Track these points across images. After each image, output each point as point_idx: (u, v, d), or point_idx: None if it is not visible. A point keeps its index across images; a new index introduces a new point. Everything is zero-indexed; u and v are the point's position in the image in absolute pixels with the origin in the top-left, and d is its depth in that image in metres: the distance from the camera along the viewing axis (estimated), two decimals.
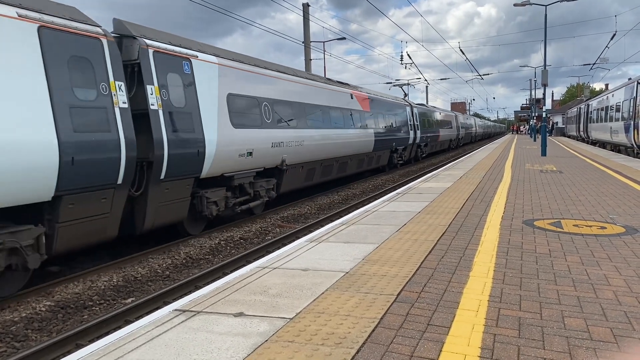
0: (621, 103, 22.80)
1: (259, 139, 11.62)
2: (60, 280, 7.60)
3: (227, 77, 10.70)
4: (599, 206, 7.73)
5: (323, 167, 15.80)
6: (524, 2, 22.59)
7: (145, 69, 8.51)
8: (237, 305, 3.60)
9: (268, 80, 12.59)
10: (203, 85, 9.87)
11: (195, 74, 9.67)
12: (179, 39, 9.94)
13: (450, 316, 3.32)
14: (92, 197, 7.40)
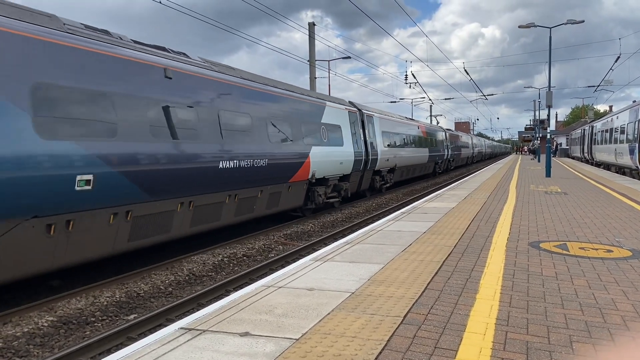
0: (626, 125, 22.83)
1: (395, 153, 23.36)
2: (63, 295, 7.57)
3: (379, 121, 21.83)
4: (604, 229, 7.69)
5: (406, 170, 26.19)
6: (529, 24, 22.75)
7: (361, 121, 19.51)
8: (243, 325, 3.58)
9: (393, 123, 24.45)
10: (377, 127, 21.18)
11: (374, 123, 20.95)
12: (367, 107, 21.35)
13: (457, 339, 3.29)
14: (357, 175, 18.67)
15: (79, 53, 7.42)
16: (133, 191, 8.01)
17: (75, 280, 8.93)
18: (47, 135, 6.68)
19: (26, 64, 6.60)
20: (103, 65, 7.80)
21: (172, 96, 9.18)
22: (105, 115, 7.70)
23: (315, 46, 29.26)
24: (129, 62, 8.36)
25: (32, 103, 6.55)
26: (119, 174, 7.68)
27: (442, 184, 25.39)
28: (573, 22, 22.06)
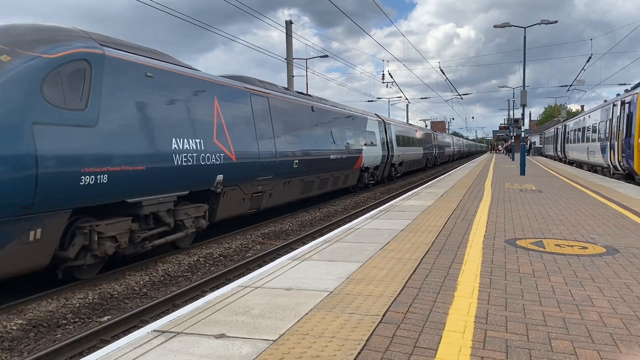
0: (597, 124, 23.27)
1: (395, 149, 28.54)
2: (33, 297, 7.36)
3: (393, 127, 28.90)
4: (579, 226, 7.79)
5: (409, 163, 33.80)
6: (504, 23, 23.02)
7: (386, 128, 27.08)
8: (219, 326, 3.50)
9: (401, 128, 31.92)
10: (391, 130, 28.15)
11: (387, 127, 27.19)
12: (385, 117, 28.85)
13: (436, 338, 3.26)
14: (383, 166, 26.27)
15: (286, 101, 14.83)
16: (306, 169, 15.27)
17: (46, 282, 8.70)
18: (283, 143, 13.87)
19: (272, 109, 13.60)
20: (293, 106, 15.25)
21: (315, 121, 17.00)
22: (296, 132, 15.05)
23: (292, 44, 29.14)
24: (301, 104, 16.04)
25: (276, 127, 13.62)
26: (305, 161, 15.10)
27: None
28: (547, 22, 22.39)
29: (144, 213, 8.62)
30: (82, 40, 7.69)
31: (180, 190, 9.42)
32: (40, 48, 6.97)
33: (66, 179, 6.95)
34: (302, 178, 15.19)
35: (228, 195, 11.07)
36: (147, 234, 8.82)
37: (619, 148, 18.58)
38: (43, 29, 7.49)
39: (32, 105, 6.63)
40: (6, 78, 6.39)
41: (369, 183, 23.66)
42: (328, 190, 18.54)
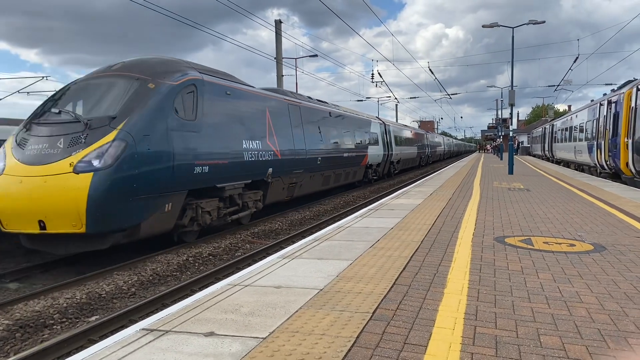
0: (584, 123, 23.47)
1: (394, 148, 31.37)
2: (20, 297, 7.29)
3: (392, 128, 32.23)
4: (567, 224, 7.85)
5: (405, 162, 36.72)
6: (492, 23, 23.14)
7: (386, 130, 30.07)
8: (208, 325, 3.47)
9: (398, 129, 35.07)
10: (390, 132, 31.15)
11: (387, 129, 30.34)
12: (385, 119, 33.06)
13: (426, 334, 3.26)
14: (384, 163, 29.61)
15: (312, 109, 17.84)
16: (325, 165, 18.05)
17: (34, 281, 8.61)
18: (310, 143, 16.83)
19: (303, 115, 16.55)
20: (316, 112, 18.27)
21: (332, 124, 19.83)
22: (319, 134, 17.97)
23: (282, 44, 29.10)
24: (321, 110, 19.05)
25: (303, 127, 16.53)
26: (325, 158, 17.96)
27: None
28: (535, 22, 22.54)
29: (225, 195, 11.47)
30: (190, 69, 10.75)
31: (246, 179, 12.31)
32: (170, 77, 9.88)
33: (187, 169, 9.77)
34: (323, 172, 18.13)
35: (274, 185, 13.94)
36: (227, 211, 11.69)
37: (605, 147, 18.76)
38: (167, 62, 10.72)
39: (169, 118, 9.44)
40: (156, 99, 9.26)
41: (372, 178, 26.46)
42: (340, 184, 21.35)
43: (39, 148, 8.49)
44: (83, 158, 8.18)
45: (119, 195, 8.36)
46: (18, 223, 8.41)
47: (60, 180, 8.03)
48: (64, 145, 8.39)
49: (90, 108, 9.21)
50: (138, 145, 8.65)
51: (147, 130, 8.90)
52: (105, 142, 8.34)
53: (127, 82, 9.45)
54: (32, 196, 8.10)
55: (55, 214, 8.09)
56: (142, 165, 8.69)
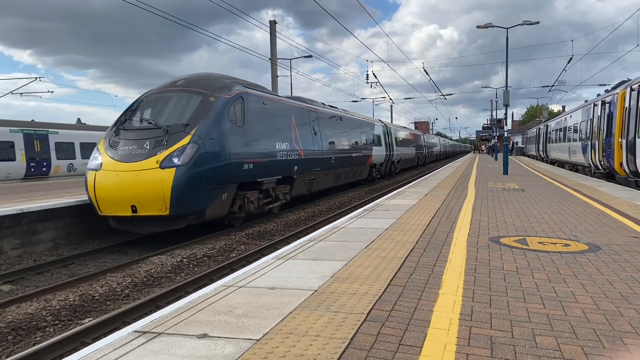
0: (579, 124, 23.55)
1: (395, 149, 33.65)
2: (12, 299, 7.23)
3: (393, 130, 34.46)
4: (561, 224, 7.86)
5: (405, 161, 39.08)
6: (487, 24, 23.19)
7: (387, 131, 32.39)
8: (201, 326, 3.44)
9: (398, 131, 37.44)
10: (391, 133, 33.11)
11: (388, 130, 32.36)
12: (387, 122, 36.01)
13: (421, 335, 3.24)
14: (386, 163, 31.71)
15: (326, 113, 19.88)
16: (337, 164, 19.96)
17: (26, 283, 8.54)
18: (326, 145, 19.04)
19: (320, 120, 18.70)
20: (330, 117, 20.23)
21: (343, 127, 21.93)
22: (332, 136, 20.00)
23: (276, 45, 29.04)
24: (334, 115, 21.16)
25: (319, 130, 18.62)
26: (337, 158, 19.87)
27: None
28: (529, 23, 22.60)
29: (263, 188, 13.71)
30: (237, 85, 12.99)
31: (278, 175, 14.48)
32: (224, 92, 12.11)
33: (238, 166, 11.90)
34: (335, 170, 20.26)
35: (298, 180, 16.13)
36: (264, 201, 13.92)
37: (599, 147, 18.82)
38: (220, 79, 13.04)
39: (226, 124, 11.65)
40: (216, 110, 11.44)
41: (376, 177, 28.73)
42: (349, 181, 23.60)
43: (129, 149, 10.67)
44: (166, 157, 10.33)
45: (193, 185, 10.49)
46: (114, 208, 10.50)
47: (150, 174, 10.19)
48: (150, 147, 10.57)
49: (165, 117, 11.32)
50: (206, 146, 10.84)
51: (212, 134, 11.11)
52: (183, 144, 10.52)
53: (193, 96, 11.69)
54: (126, 187, 10.19)
55: (146, 200, 10.20)
56: (209, 163, 10.92)
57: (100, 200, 10.56)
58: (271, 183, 14.09)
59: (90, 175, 10.71)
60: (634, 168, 14.38)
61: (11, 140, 22.31)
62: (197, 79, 12.55)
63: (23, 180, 22.27)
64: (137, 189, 10.14)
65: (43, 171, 23.97)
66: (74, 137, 26.02)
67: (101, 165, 10.65)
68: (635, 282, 4.48)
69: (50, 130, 24.62)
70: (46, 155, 24.15)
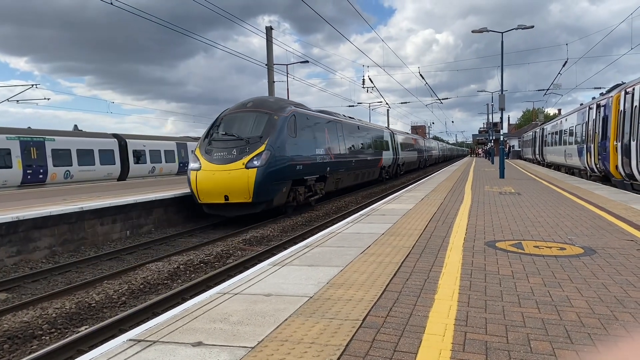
0: (574, 127, 23.62)
1: (401, 153, 37.81)
2: (8, 307, 7.20)
3: (398, 136, 38.18)
4: (557, 227, 7.87)
5: (408, 164, 42.32)
6: (481, 29, 23.27)
7: (393, 137, 36.02)
8: (196, 334, 3.44)
9: (403, 136, 41.25)
10: (397, 139, 37.03)
11: (393, 137, 35.70)
12: (393, 129, 39.54)
13: (416, 341, 3.24)
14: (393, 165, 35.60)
15: (348, 124, 24.01)
16: (356, 166, 23.91)
17: (23, 291, 8.51)
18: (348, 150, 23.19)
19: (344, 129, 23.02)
20: (350, 126, 24.33)
21: (360, 135, 25.83)
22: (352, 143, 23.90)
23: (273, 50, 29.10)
24: (353, 124, 25.17)
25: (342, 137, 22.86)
26: (356, 161, 23.79)
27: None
28: (523, 27, 22.69)
29: (308, 184, 17.44)
30: (290, 105, 17.04)
31: (316, 175, 18.16)
32: (283, 111, 15.88)
33: (293, 167, 15.61)
34: (355, 171, 24.00)
35: (329, 179, 19.89)
36: (308, 194, 17.74)
37: (595, 150, 18.88)
38: (279, 101, 17.51)
39: (286, 136, 15.38)
40: (279, 125, 15.19)
41: (385, 177, 32.47)
42: (364, 181, 27.14)
43: (221, 155, 14.47)
44: (249, 160, 14.14)
45: (267, 181, 14.26)
46: (210, 197, 14.26)
47: (238, 172, 14.01)
48: (237, 153, 14.40)
49: (244, 131, 15.17)
50: (275, 152, 14.63)
51: (278, 143, 14.94)
52: (260, 151, 14.32)
53: (262, 115, 15.55)
54: (221, 182, 13.97)
55: (235, 191, 14.01)
56: (277, 164, 14.69)
57: (201, 192, 14.26)
58: (312, 180, 17.86)
59: (192, 174, 14.31)
60: (629, 171, 14.43)
61: (7, 147, 22.26)
62: (262, 102, 16.64)
63: (19, 187, 22.21)
64: (229, 183, 13.95)
65: (40, 178, 23.91)
66: (70, 144, 25.95)
67: (200, 167, 14.34)
68: (631, 285, 4.49)
69: (46, 137, 24.57)
70: (43, 162, 24.09)
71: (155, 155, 32.55)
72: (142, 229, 13.91)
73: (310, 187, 17.84)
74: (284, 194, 15.55)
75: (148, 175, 31.52)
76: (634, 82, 14.83)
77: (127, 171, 29.92)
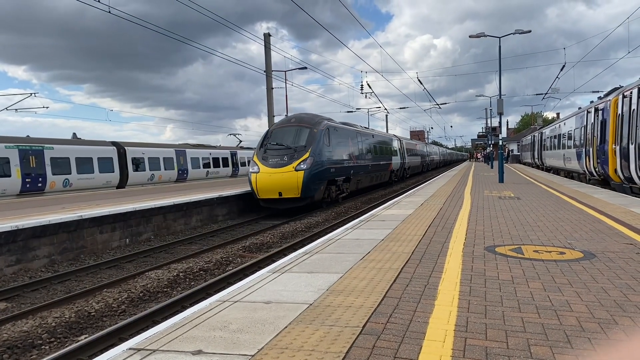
0: (573, 131, 23.66)
1: (407, 158, 42.58)
2: (8, 317, 7.19)
3: (404, 143, 42.55)
4: (557, 232, 7.87)
5: (413, 168, 46.20)
6: (479, 34, 23.36)
7: (401, 144, 40.24)
8: (196, 342, 3.43)
9: (408, 143, 46.54)
10: (403, 145, 41.20)
11: (401, 144, 40.22)
12: (400, 136, 44.24)
13: (417, 347, 3.24)
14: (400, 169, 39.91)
15: (364, 133, 28.33)
16: (372, 170, 28.31)
17: (22, 300, 8.50)
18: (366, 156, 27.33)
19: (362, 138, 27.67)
20: (366, 135, 28.60)
21: (375, 142, 30.14)
22: (369, 150, 28.05)
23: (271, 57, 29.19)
24: (369, 133, 29.84)
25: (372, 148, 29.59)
26: (372, 165, 28.20)
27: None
28: (521, 32, 22.78)
29: (337, 184, 21.41)
30: (324, 120, 21.10)
31: (344, 176, 22.13)
32: (320, 125, 20.03)
33: (328, 170, 19.64)
34: (370, 174, 27.99)
35: (352, 180, 23.86)
36: (337, 192, 21.77)
37: (594, 154, 18.91)
38: (316, 117, 21.42)
39: (323, 145, 19.50)
40: (318, 137, 19.25)
41: (394, 180, 36.21)
42: (377, 182, 30.84)
43: (275, 160, 18.48)
44: (297, 164, 18.13)
45: (310, 180, 18.27)
46: (267, 194, 18.29)
47: (290, 174, 18.01)
48: (287, 159, 18.37)
49: (291, 141, 19.17)
50: (316, 158, 18.73)
51: (317, 151, 19.00)
52: (305, 158, 18.38)
53: (304, 129, 19.67)
54: (276, 182, 18.04)
55: (288, 189, 18.05)
56: (317, 168, 18.76)
57: (260, 190, 18.31)
58: (340, 181, 21.99)
59: (253, 176, 18.46)
60: (628, 174, 14.44)
61: (6, 156, 22.26)
62: (303, 118, 20.96)
63: (18, 196, 22.20)
64: (283, 183, 17.98)
65: (39, 187, 23.90)
66: (69, 152, 25.95)
67: (259, 170, 18.39)
68: (630, 289, 4.49)
69: (45, 145, 24.58)
70: (42, 170, 24.08)
71: (154, 163, 32.51)
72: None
73: (339, 186, 21.99)
74: (321, 191, 19.75)
75: (147, 182, 31.49)
76: (632, 85, 14.87)
77: (126, 179, 29.89)
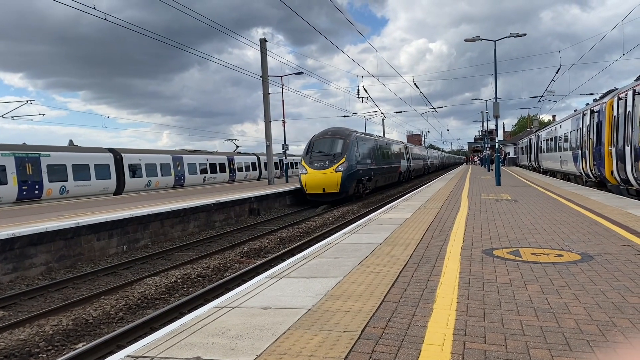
0: (569, 133, 23.73)
1: (412, 161, 47.83)
2: (5, 325, 7.15)
3: (409, 148, 49.26)
4: (554, 234, 7.88)
5: (416, 170, 51.70)
6: (474, 37, 23.45)
7: (406, 149, 46.33)
8: (194, 349, 3.42)
9: (412, 147, 53.29)
10: (409, 150, 47.38)
11: (407, 149, 47.75)
12: (406, 142, 53.29)
13: (415, 352, 3.23)
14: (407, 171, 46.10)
15: (379, 141, 34.34)
16: (386, 172, 33.95)
17: (19, 309, 8.46)
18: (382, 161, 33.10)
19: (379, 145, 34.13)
20: (381, 142, 34.69)
21: (388, 149, 36.08)
22: (383, 155, 33.45)
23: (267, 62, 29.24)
24: (382, 140, 36.06)
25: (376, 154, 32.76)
26: (385, 168, 33.72)
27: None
28: (516, 35, 22.87)
29: (363, 182, 26.89)
30: (354, 132, 27.20)
31: (367, 177, 27.47)
32: (351, 137, 25.74)
33: (357, 172, 25.54)
34: (384, 176, 32.83)
35: (372, 180, 28.73)
36: (362, 189, 27.02)
37: (590, 156, 18.96)
38: (347, 129, 27.25)
39: (354, 152, 25.32)
40: (351, 145, 25.05)
41: (402, 181, 41.17)
42: (389, 182, 35.50)
43: (319, 164, 23.87)
44: (337, 167, 23.52)
45: (346, 180, 23.66)
46: (313, 190, 23.65)
47: (331, 174, 23.44)
48: (329, 163, 23.76)
49: (330, 149, 24.52)
50: (350, 162, 24.02)
51: (351, 156, 24.27)
52: (342, 162, 23.73)
53: (339, 139, 24.93)
54: (321, 180, 23.44)
55: (329, 185, 23.42)
56: (351, 170, 24.07)
57: (308, 187, 23.69)
58: (365, 180, 27.01)
59: (302, 176, 23.80)
60: (624, 176, 14.48)
61: (2, 164, 22.21)
62: (338, 131, 26.14)
63: (15, 204, 22.13)
64: (326, 181, 23.31)
65: (35, 194, 23.83)
66: (66, 159, 25.91)
67: (307, 172, 23.67)
68: (628, 291, 4.50)
69: (42, 152, 24.53)
70: (38, 178, 24.02)
71: (151, 169, 32.46)
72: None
73: (364, 184, 27.17)
74: (353, 188, 24.99)
75: (144, 189, 31.44)
76: (627, 87, 14.93)
77: (123, 185, 29.84)
